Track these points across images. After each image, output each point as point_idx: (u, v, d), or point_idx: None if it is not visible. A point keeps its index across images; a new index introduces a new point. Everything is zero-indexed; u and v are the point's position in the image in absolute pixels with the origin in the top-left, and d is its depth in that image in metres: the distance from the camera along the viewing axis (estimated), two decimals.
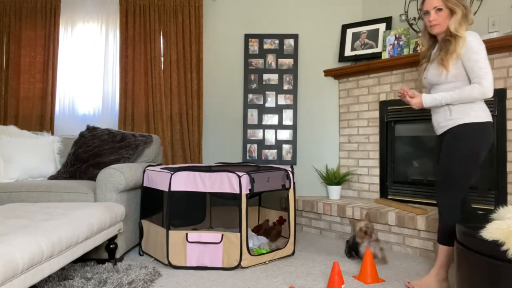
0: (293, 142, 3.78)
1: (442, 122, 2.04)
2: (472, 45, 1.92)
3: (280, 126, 3.80)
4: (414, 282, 2.02)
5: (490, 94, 1.88)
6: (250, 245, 2.57)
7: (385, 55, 3.28)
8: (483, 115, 1.96)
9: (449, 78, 1.98)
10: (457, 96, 1.92)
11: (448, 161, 1.98)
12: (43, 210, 1.94)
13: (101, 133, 3.05)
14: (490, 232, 1.45)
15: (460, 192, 1.96)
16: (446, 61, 1.96)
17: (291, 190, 2.61)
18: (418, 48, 3.05)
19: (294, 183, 2.63)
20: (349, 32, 3.65)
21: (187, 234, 2.30)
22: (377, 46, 3.46)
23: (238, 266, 2.29)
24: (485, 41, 2.61)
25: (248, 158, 3.81)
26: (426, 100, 2.02)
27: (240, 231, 2.28)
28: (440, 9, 2.01)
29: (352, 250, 2.51)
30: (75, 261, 2.34)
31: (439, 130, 2.09)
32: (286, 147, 3.79)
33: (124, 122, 3.78)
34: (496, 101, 2.66)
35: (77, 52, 3.92)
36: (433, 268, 2.03)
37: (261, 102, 3.81)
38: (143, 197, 2.64)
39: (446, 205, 1.98)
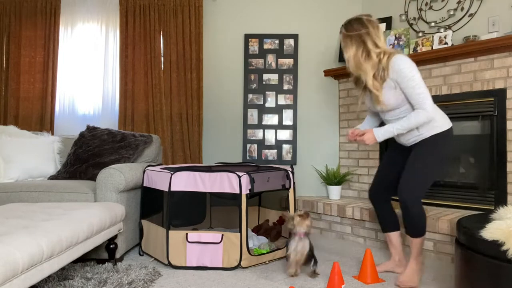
0: (293, 142, 3.78)
1: (411, 139, 2.11)
2: (405, 73, 1.95)
3: (280, 126, 3.80)
4: (400, 280, 2.04)
5: (434, 114, 1.97)
6: (250, 245, 2.57)
7: None
8: (445, 122, 2.07)
9: (398, 105, 2.03)
10: (407, 125, 1.98)
11: (419, 163, 2.04)
12: (43, 210, 1.94)
13: (101, 133, 3.05)
14: (490, 232, 1.45)
15: (425, 189, 2.06)
16: (382, 101, 2.03)
17: (291, 190, 2.61)
18: (418, 48, 3.05)
19: (294, 183, 2.63)
20: None
21: (187, 234, 2.30)
22: None
23: (238, 266, 2.29)
24: (485, 41, 2.64)
25: (248, 158, 3.81)
26: (379, 134, 2.05)
27: (240, 231, 2.28)
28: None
29: None
30: (75, 261, 2.34)
31: (408, 144, 2.16)
32: (286, 147, 3.79)
33: (124, 122, 3.78)
34: (496, 101, 2.66)
35: (77, 52, 3.92)
36: (410, 261, 2.08)
37: (261, 102, 3.81)
38: (143, 197, 2.64)
39: (412, 200, 2.02)
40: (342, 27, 2.10)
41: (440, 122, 2.04)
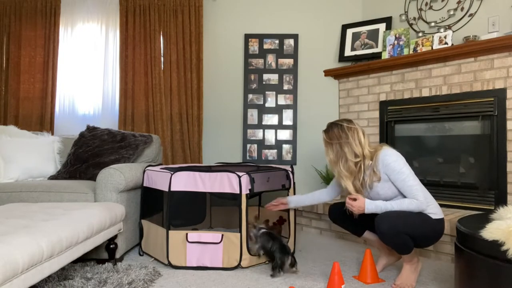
0: (293, 142, 3.78)
1: None
2: (393, 167, 1.96)
3: (280, 126, 3.80)
4: (396, 284, 2.04)
5: (425, 207, 1.94)
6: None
7: (385, 55, 3.28)
8: (439, 212, 2.01)
9: (396, 195, 2.02)
10: (398, 207, 1.95)
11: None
12: (43, 210, 1.94)
13: (101, 133, 3.05)
14: (490, 232, 1.45)
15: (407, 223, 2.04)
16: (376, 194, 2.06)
17: (291, 190, 2.61)
18: (418, 48, 3.05)
19: (294, 183, 2.63)
20: (349, 32, 3.65)
21: (187, 234, 2.30)
22: (377, 46, 3.46)
23: (238, 266, 2.29)
24: (485, 41, 2.64)
25: (248, 158, 3.81)
26: (369, 207, 2.00)
27: (240, 231, 2.28)
28: None
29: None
30: (75, 261, 2.34)
31: None
32: (286, 147, 3.79)
33: (124, 122, 3.78)
34: (496, 101, 2.66)
35: (77, 52, 3.92)
36: (403, 264, 2.06)
37: (261, 102, 3.81)
38: (143, 197, 2.64)
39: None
40: (323, 132, 2.17)
41: (434, 210, 1.99)
